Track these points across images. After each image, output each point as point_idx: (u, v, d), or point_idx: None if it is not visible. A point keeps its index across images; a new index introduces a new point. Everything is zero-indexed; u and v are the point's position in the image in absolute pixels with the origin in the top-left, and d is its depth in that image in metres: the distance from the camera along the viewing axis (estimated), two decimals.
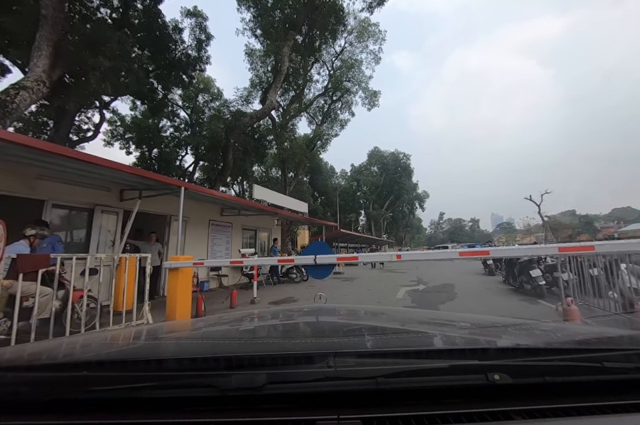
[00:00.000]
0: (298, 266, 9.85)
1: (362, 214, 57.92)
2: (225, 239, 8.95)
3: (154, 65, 18.65)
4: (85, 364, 0.61)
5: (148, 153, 22.81)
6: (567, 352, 0.60)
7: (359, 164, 58.84)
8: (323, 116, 26.39)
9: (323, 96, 26.74)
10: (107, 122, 23.20)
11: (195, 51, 19.02)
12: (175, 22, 17.32)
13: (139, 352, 0.80)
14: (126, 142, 24.11)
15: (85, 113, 18.99)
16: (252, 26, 19.62)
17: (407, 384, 0.51)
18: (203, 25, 18.83)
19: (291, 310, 1.85)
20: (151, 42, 16.27)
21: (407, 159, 55.97)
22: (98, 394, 0.51)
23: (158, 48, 17.12)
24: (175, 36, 17.74)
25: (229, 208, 8.73)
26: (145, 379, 0.52)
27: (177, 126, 23.73)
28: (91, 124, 19.48)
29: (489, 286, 8.38)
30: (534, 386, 0.51)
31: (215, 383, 0.50)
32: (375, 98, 26.15)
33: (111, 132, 24.22)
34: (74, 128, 18.47)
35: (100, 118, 19.15)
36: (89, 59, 12.51)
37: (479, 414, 0.46)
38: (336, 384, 0.50)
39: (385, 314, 1.41)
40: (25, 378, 0.54)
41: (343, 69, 24.97)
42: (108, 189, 5.95)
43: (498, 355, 0.58)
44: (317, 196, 52.76)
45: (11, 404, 0.50)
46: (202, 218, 8.22)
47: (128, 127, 23.71)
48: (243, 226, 9.93)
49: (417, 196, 63.12)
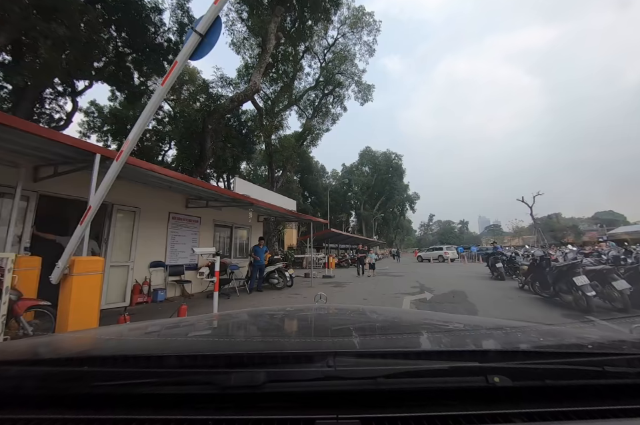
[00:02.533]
0: (280, 270, 8.30)
1: (353, 215, 56.91)
2: (190, 237, 7.33)
3: (131, 48, 16.96)
4: (86, 359, 0.61)
5: None
6: (568, 355, 0.59)
7: (350, 164, 57.89)
8: (314, 110, 24.98)
9: (314, 89, 25.36)
10: (83, 113, 21.24)
11: (177, 35, 17.36)
12: (154, 3, 15.59)
13: (139, 348, 0.78)
14: (103, 135, 22.32)
15: (57, 101, 17.18)
16: (238, 8, 18.04)
17: (406, 384, 0.50)
18: (185, 7, 17.13)
19: (292, 309, 1.75)
20: (127, 23, 14.52)
21: (399, 159, 55.35)
22: (99, 389, 0.51)
23: (135, 29, 15.42)
24: (153, 17, 16.05)
25: (195, 199, 7.13)
26: (145, 375, 0.52)
27: (159, 119, 21.65)
28: (63, 113, 17.71)
29: (508, 293, 7.05)
30: (534, 389, 0.51)
31: (214, 380, 0.50)
32: (368, 93, 24.92)
33: (87, 124, 22.13)
34: (44, 117, 16.59)
35: (72, 106, 17.27)
36: (38, 24, 10.71)
37: (479, 416, 0.45)
38: (335, 384, 0.50)
39: (386, 314, 1.40)
40: (28, 372, 0.54)
41: (336, 62, 23.62)
42: (15, 164, 4.29)
43: (498, 357, 0.57)
44: (307, 195, 51.46)
45: (14, 398, 0.51)
46: (159, 210, 6.59)
47: (106, 118, 21.62)
48: (216, 221, 8.30)
49: (408, 198, 62.70)
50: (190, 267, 7.24)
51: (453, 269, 15.90)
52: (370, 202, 53.81)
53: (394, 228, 64.89)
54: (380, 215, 51.37)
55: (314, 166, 50.18)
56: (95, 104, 21.72)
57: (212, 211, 8.00)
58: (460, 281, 9.92)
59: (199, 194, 6.60)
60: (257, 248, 8.05)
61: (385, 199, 54.91)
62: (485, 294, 7.01)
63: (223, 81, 17.14)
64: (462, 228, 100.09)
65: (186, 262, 7.14)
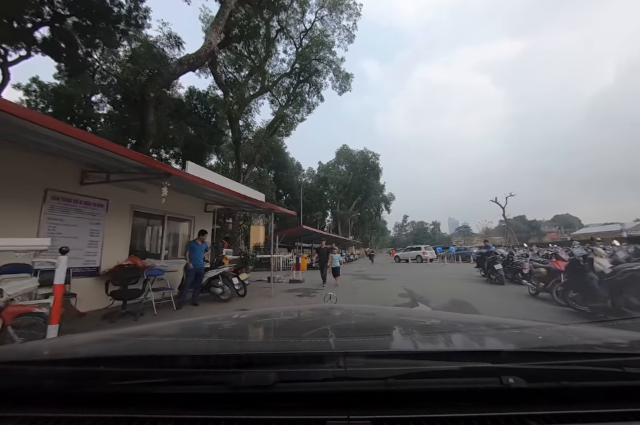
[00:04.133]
0: (227, 275, 6.14)
1: (329, 215, 55.30)
2: (87, 228, 4.98)
3: (72, 11, 14.11)
4: (102, 359, 0.61)
5: None
6: (585, 356, 0.56)
7: (327, 162, 56.26)
8: (288, 97, 22.84)
9: (289, 76, 23.25)
10: (23, 91, 17.28)
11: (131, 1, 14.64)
12: None
13: (153, 348, 0.78)
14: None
15: None
16: None
17: (417, 385, 0.50)
18: None
19: (302, 309, 1.80)
20: None
21: (376, 159, 54.43)
22: (114, 388, 0.51)
23: None
24: None
25: (94, 172, 4.81)
26: (159, 375, 0.52)
27: (115, 100, 18.03)
28: None
29: (524, 303, 5.44)
30: (550, 390, 0.49)
31: (226, 380, 0.50)
32: (346, 82, 23.13)
33: (28, 104, 18.09)
34: None
35: (2, 77, 13.94)
36: None
37: (493, 418, 0.44)
38: (346, 384, 0.49)
39: (397, 314, 1.38)
40: (46, 371, 0.54)
41: (313, 48, 21.64)
42: None
43: (512, 358, 0.55)
44: (281, 193, 49.12)
45: (33, 397, 0.51)
46: (26, 185, 4.23)
47: (49, 97, 17.60)
48: (137, 208, 5.97)
49: (384, 198, 62.22)
50: (86, 272, 4.90)
51: (436, 270, 14.50)
52: (346, 201, 52.48)
53: (370, 228, 64.19)
54: (356, 214, 50.15)
55: (289, 163, 47.94)
56: (38, 81, 17.76)
57: (130, 194, 5.67)
58: (452, 286, 8.32)
59: (95, 159, 4.31)
60: (193, 244, 5.79)
61: (361, 199, 53.80)
62: (497, 306, 5.34)
63: (172, 40, 14.15)
64: (434, 229, 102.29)
65: (78, 265, 4.80)
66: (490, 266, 8.17)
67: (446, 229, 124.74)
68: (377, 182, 56.06)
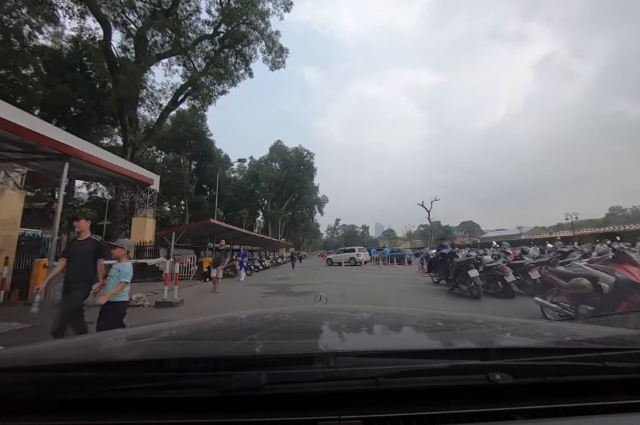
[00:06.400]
0: None
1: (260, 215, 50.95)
2: None
3: None
4: (85, 364, 0.59)
5: None
6: (568, 351, 0.58)
7: (259, 157, 51.98)
8: (207, 64, 18.54)
9: (210, 39, 18.97)
10: None
11: None
12: None
13: (139, 352, 0.75)
14: None
15: None
16: None
17: (407, 384, 0.50)
18: None
19: (291, 310, 1.80)
20: None
21: (311, 157, 52.48)
22: (99, 394, 0.49)
23: None
24: None
25: None
26: (145, 379, 0.50)
27: None
28: None
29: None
30: (535, 385, 0.50)
31: (215, 383, 0.49)
32: (280, 56, 19.96)
33: None
34: None
35: None
36: None
37: (481, 413, 0.45)
38: (337, 384, 0.49)
39: (386, 313, 1.38)
40: (26, 379, 0.52)
41: (241, 7, 17.88)
42: None
43: (499, 355, 0.56)
44: (204, 188, 42.78)
45: (12, 405, 0.49)
46: None
47: None
48: None
49: (317, 200, 60.85)
50: None
51: (375, 275, 12.37)
52: (278, 201, 49.01)
53: (303, 230, 61.91)
54: (288, 214, 46.96)
55: (215, 153, 42.09)
56: None
57: None
58: (412, 302, 5.88)
59: None
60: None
61: (294, 199, 51.08)
62: None
63: None
64: (363, 232, 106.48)
65: None
66: (460, 273, 5.98)
67: (373, 232, 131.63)
68: (311, 182, 54.15)
